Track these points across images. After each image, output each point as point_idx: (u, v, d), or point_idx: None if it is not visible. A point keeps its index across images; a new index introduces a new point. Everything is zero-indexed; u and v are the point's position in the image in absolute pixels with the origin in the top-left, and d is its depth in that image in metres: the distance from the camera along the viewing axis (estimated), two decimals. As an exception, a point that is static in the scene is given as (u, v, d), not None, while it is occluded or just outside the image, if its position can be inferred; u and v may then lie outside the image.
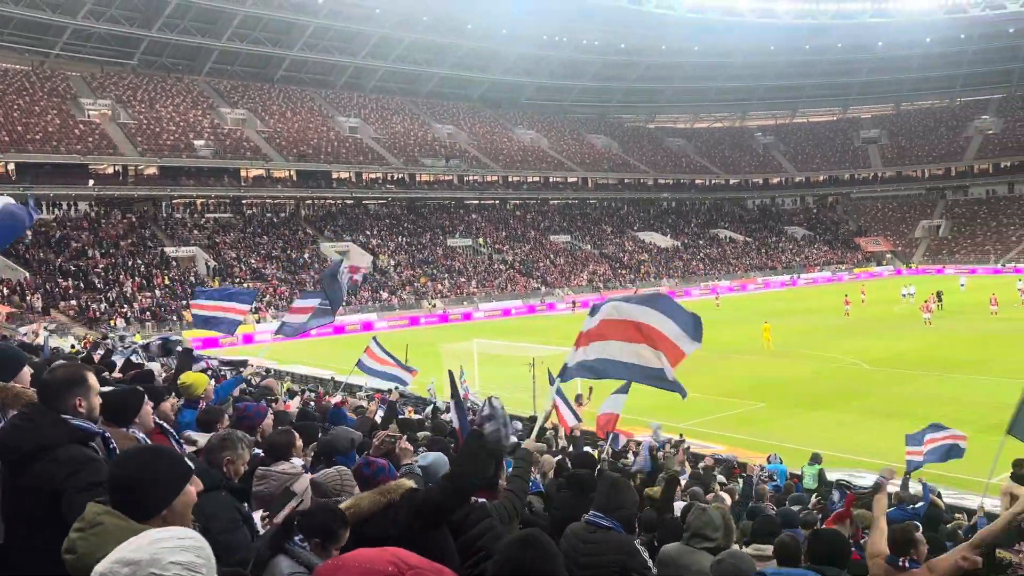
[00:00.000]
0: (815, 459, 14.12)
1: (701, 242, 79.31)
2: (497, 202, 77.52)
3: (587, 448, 12.78)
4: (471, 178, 73.77)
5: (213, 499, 3.31)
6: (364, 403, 13.49)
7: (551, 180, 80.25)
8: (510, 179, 76.95)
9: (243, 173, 60.60)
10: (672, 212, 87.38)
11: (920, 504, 10.07)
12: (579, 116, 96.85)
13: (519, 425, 11.83)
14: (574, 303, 55.90)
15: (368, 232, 62.79)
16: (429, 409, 16.47)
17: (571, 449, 12.42)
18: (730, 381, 26.70)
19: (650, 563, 3.73)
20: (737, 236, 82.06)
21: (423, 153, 72.07)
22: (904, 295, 48.77)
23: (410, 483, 3.88)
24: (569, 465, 8.26)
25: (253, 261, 52.92)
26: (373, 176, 68.83)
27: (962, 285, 55.36)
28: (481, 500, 4.09)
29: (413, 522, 3.44)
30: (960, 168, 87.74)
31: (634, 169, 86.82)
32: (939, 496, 10.88)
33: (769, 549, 5.07)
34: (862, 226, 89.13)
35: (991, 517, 7.60)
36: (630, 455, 13.40)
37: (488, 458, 4.07)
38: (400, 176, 69.81)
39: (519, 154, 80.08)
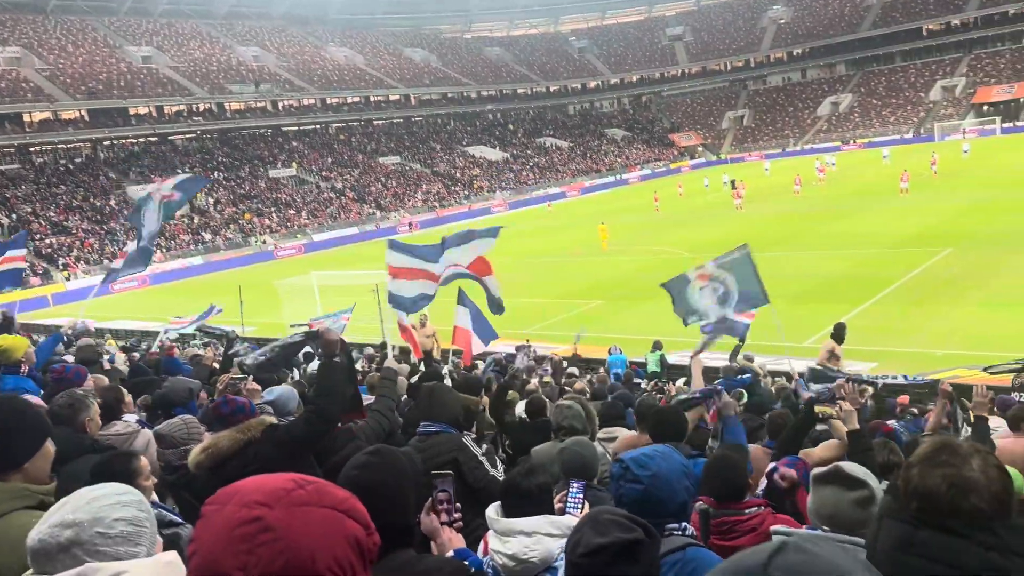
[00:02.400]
0: (656, 346, 15.03)
1: (529, 152, 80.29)
2: (318, 127, 74.35)
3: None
4: (286, 103, 69.93)
5: (85, 463, 3.18)
6: (200, 351, 12.79)
7: (372, 99, 77.70)
8: (328, 101, 73.71)
9: (26, 118, 54.33)
10: (498, 124, 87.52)
11: (747, 375, 10.98)
12: (393, 29, 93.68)
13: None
14: (410, 225, 55.45)
15: (179, 171, 58.29)
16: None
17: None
18: (569, 283, 27.72)
19: (481, 456, 3.91)
20: (562, 143, 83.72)
21: (229, 79, 67.22)
22: (725, 183, 50.97)
23: (270, 419, 3.90)
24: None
25: (52, 214, 48.05)
26: (176, 109, 63.59)
27: (766, 170, 59.78)
28: (348, 423, 4.18)
29: (276, 455, 3.40)
30: (758, 59, 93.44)
31: (456, 82, 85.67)
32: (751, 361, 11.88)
33: (616, 431, 5.37)
34: (675, 123, 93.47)
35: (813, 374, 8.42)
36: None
37: (346, 383, 4.13)
38: (207, 107, 64.95)
39: (335, 74, 76.63)
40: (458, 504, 2.52)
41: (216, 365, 9.44)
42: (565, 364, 14.14)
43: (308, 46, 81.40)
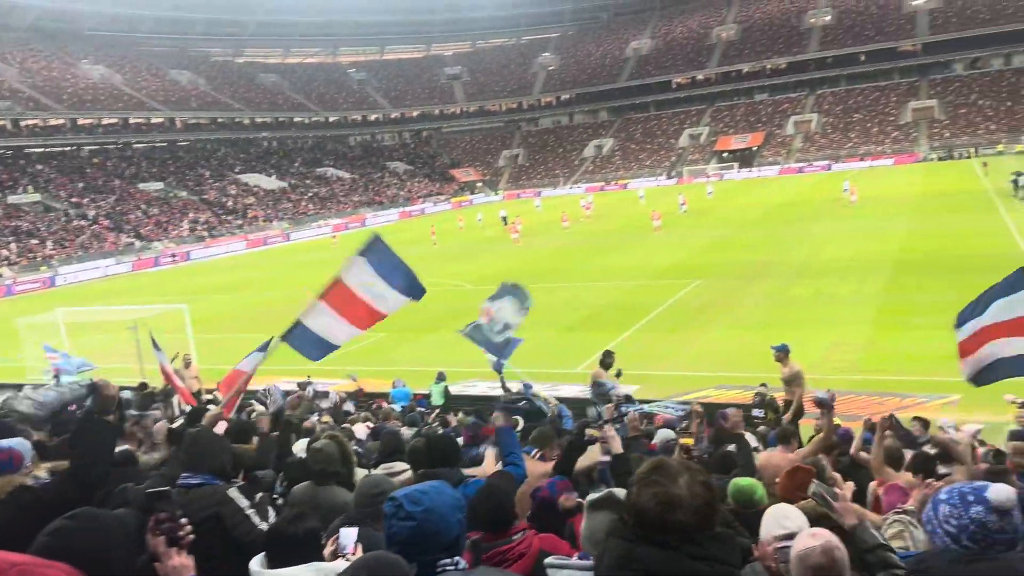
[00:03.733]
0: (440, 377, 15.09)
1: (308, 181, 78.31)
2: (69, 149, 67.43)
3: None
4: (29, 122, 62.85)
5: None
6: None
7: (132, 122, 72.04)
8: (80, 122, 67.25)
9: None
10: (275, 152, 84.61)
11: (523, 401, 11.36)
12: (157, 49, 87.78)
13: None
14: (174, 256, 51.74)
15: None
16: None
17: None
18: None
19: (249, 510, 3.65)
20: (343, 173, 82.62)
21: (-43, 93, 59.30)
22: (502, 217, 52.83)
23: (21, 479, 3.58)
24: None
25: None
26: None
27: (538, 206, 62.89)
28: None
29: (22, 519, 3.05)
30: (530, 102, 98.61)
31: (227, 107, 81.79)
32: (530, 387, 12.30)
33: (397, 466, 5.30)
34: (455, 158, 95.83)
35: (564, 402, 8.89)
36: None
37: (111, 442, 3.82)
38: (-72, 123, 56.80)
39: (89, 93, 70.14)
40: (184, 520, 2.33)
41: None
42: (339, 399, 13.82)
43: (58, 62, 73.93)
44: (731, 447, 5.54)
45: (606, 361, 12.09)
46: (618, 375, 12.02)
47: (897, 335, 18.00)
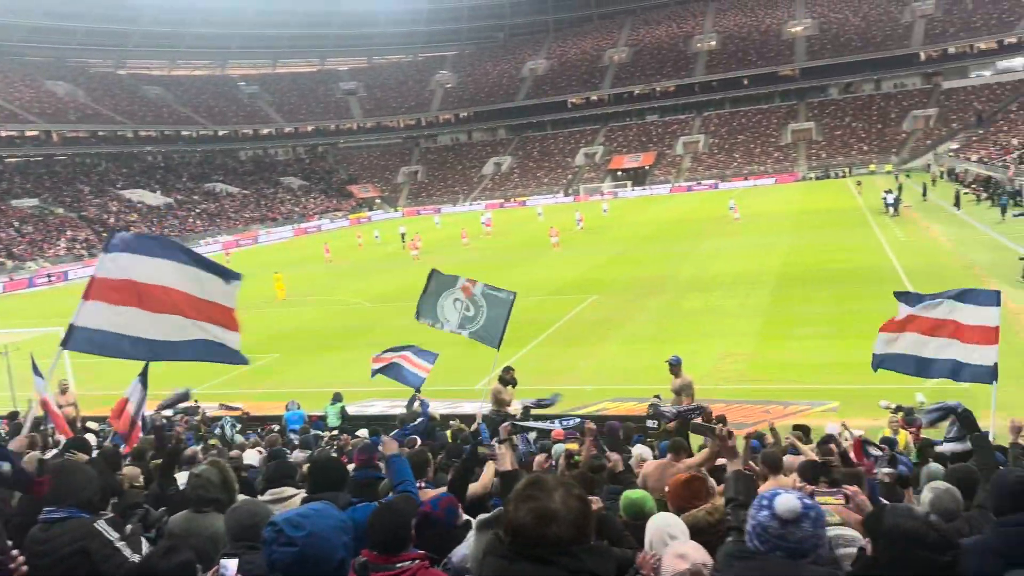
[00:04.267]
0: (336, 398, 14.74)
1: (196, 197, 75.46)
2: (-73, 162, 62.65)
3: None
4: None
5: None
6: None
7: (3, 134, 67.63)
8: (-58, 134, 62.66)
9: None
10: (160, 167, 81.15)
11: (420, 420, 11.25)
12: (32, 60, 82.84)
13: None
14: (50, 276, 48.74)
15: None
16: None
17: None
18: (243, 336, 26.26)
19: (119, 542, 3.46)
20: (233, 189, 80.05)
21: None
22: (402, 234, 51.56)
23: None
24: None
25: None
26: None
27: (437, 223, 62.80)
28: None
29: None
30: (428, 118, 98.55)
31: (108, 120, 77.94)
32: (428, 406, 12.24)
33: (286, 491, 5.12)
34: (352, 174, 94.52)
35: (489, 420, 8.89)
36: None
37: None
38: None
39: (-49, 102, 65.45)
40: (16, 552, 2.19)
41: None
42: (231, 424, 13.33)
43: (-86, 68, 68.70)
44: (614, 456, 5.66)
45: (505, 377, 12.14)
46: (509, 384, 12.09)
47: (781, 345, 18.89)
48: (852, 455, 5.51)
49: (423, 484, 4.70)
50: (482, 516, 2.65)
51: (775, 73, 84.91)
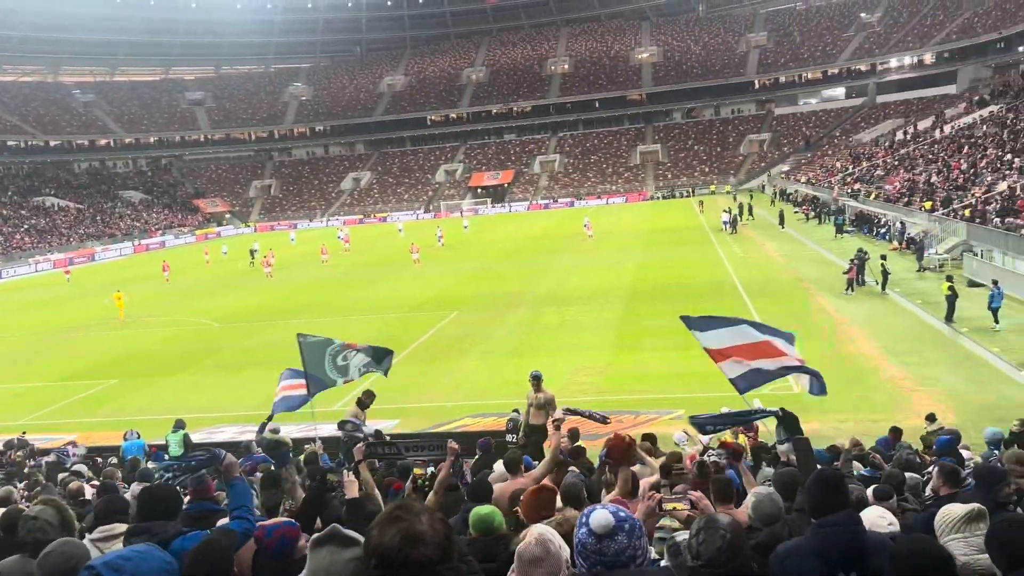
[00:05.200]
0: (179, 425, 13.89)
1: (24, 212, 69.49)
2: None
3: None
4: None
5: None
6: None
7: None
8: None
9: None
10: (-21, 179, 74.19)
11: (285, 449, 10.80)
12: None
13: None
14: None
15: None
16: None
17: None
18: (78, 361, 24.40)
19: None
20: (67, 203, 74.36)
21: None
22: (255, 251, 49.45)
23: None
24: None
25: None
26: None
27: (292, 239, 60.96)
28: None
29: None
30: (282, 131, 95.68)
31: (-84, 126, 70.50)
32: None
33: (117, 528, 4.76)
34: (199, 188, 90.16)
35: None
36: None
37: None
38: None
39: None
40: None
41: None
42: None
43: None
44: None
45: (365, 401, 11.86)
46: (366, 407, 11.85)
47: (632, 357, 19.67)
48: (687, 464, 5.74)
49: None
50: (317, 535, 2.56)
51: (624, 97, 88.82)
